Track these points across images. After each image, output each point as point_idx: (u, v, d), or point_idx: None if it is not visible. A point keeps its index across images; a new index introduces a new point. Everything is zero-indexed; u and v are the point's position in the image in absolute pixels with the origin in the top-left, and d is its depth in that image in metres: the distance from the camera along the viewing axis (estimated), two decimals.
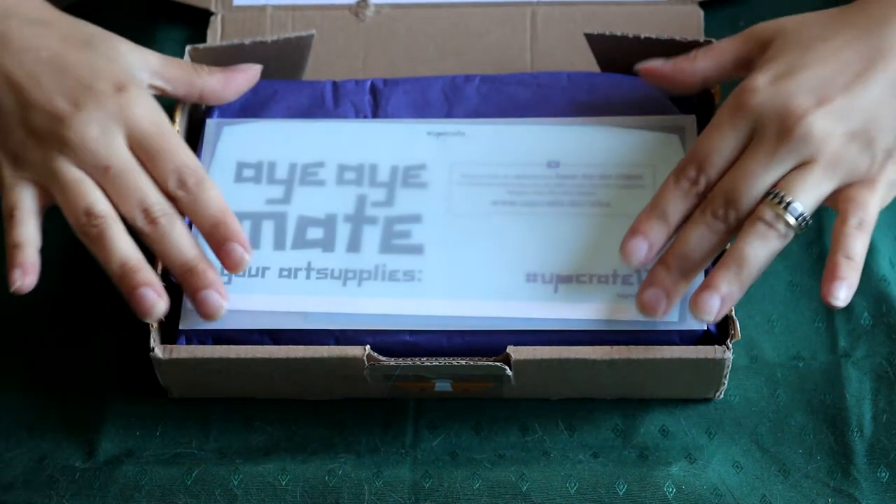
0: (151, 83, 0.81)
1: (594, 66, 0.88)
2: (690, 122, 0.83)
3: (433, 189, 0.82)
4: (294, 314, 0.78)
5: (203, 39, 0.92)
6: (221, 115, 0.85)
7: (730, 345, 0.76)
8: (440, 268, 0.79)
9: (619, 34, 0.85)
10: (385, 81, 0.86)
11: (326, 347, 0.77)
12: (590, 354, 0.75)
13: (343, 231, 0.81)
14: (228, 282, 0.79)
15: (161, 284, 0.76)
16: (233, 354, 0.77)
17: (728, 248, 0.75)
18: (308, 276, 0.79)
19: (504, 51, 0.91)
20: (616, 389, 0.79)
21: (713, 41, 0.84)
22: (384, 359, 0.76)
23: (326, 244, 0.80)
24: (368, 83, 0.86)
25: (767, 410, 0.79)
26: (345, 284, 0.79)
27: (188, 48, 0.86)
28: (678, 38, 0.84)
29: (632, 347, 0.76)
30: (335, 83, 0.86)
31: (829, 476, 0.77)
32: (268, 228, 0.81)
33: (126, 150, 0.78)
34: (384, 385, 0.78)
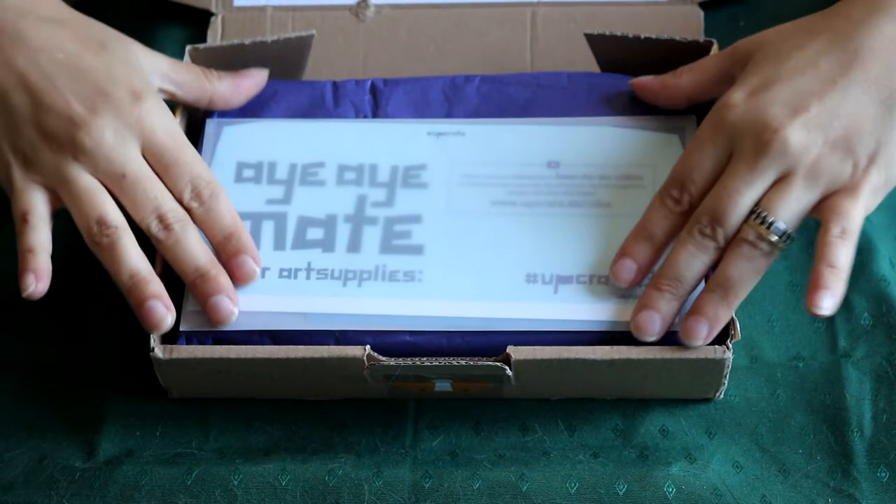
0: (162, 87, 0.82)
1: (594, 66, 0.88)
2: (690, 122, 0.83)
3: (433, 189, 0.82)
4: (294, 314, 0.78)
5: (203, 39, 0.92)
6: (221, 115, 0.85)
7: (730, 345, 0.76)
8: (440, 268, 0.79)
9: (619, 34, 0.85)
10: (385, 81, 0.86)
11: (326, 347, 0.77)
12: (590, 354, 0.75)
13: (343, 231, 0.80)
14: None
15: (169, 297, 0.76)
16: (233, 354, 0.77)
17: (714, 272, 0.75)
18: (308, 277, 0.79)
19: (504, 51, 0.91)
20: (616, 389, 0.79)
21: (713, 41, 0.84)
22: (384, 359, 0.76)
23: (326, 244, 0.80)
24: (368, 83, 0.86)
25: (767, 410, 0.79)
26: (345, 285, 0.79)
27: (188, 48, 0.86)
28: (678, 38, 0.84)
29: (632, 347, 0.76)
30: (335, 83, 0.86)
31: (829, 476, 0.77)
32: (268, 229, 0.81)
33: (141, 158, 0.78)
34: (384, 385, 0.78)
